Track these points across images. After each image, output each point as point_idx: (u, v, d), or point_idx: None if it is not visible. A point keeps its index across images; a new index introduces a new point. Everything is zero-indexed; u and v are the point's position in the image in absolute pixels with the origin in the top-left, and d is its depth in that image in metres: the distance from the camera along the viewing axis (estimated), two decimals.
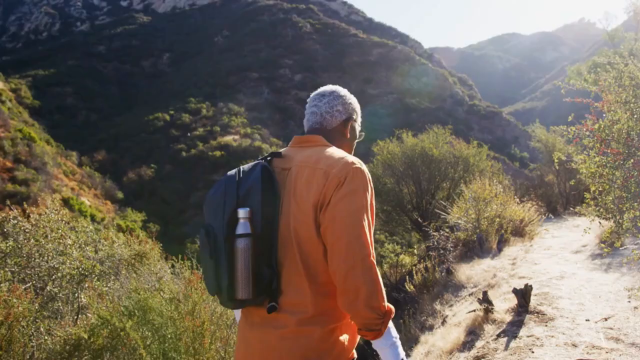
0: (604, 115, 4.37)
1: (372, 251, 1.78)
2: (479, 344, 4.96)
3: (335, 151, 1.95)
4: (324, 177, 1.81)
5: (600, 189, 4.53)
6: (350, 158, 1.89)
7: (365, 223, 1.78)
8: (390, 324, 1.81)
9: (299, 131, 2.24)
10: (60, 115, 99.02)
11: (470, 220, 9.96)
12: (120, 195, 66.16)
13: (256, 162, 1.96)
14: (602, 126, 4.25)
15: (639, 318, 4.93)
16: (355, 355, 1.93)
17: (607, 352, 4.25)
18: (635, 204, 4.08)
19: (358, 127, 2.23)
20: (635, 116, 3.97)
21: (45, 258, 4.77)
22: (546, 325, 5.05)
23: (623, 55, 4.51)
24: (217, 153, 78.43)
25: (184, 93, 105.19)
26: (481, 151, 17.14)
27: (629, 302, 5.52)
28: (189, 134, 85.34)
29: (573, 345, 4.50)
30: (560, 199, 16.82)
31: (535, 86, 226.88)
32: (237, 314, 2.17)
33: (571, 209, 13.47)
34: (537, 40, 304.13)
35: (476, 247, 9.20)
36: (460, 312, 6.17)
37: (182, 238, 44.86)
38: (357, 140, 2.24)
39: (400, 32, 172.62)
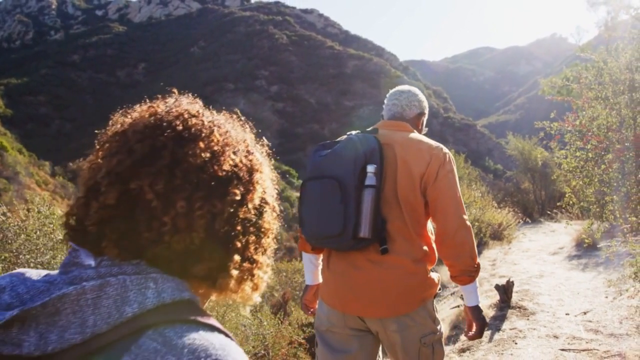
0: (584, 112, 4.56)
1: None
2: (463, 337, 5.09)
3: (428, 138, 2.42)
4: (428, 155, 2.27)
5: (581, 183, 4.72)
6: (442, 145, 2.39)
7: (460, 195, 2.30)
8: None
9: (277, 142, 2.55)
10: (33, 124, 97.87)
11: None
12: None
13: (364, 133, 2.38)
14: (583, 121, 4.45)
15: (617, 311, 5.11)
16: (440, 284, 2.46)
17: (587, 342, 4.43)
18: (615, 196, 4.26)
19: (425, 122, 2.67)
20: (614, 112, 4.16)
21: (35, 254, 4.75)
22: (528, 319, 5.22)
23: (603, 52, 4.71)
24: None
25: None
26: (459, 159, 17.37)
27: (606, 297, 5.72)
28: None
29: (554, 336, 4.66)
30: (536, 205, 17.12)
31: (509, 99, 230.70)
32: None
33: (548, 212, 13.74)
34: (511, 54, 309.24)
35: None
36: (443, 310, 6.31)
37: None
38: (423, 133, 2.64)
39: (376, 45, 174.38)
